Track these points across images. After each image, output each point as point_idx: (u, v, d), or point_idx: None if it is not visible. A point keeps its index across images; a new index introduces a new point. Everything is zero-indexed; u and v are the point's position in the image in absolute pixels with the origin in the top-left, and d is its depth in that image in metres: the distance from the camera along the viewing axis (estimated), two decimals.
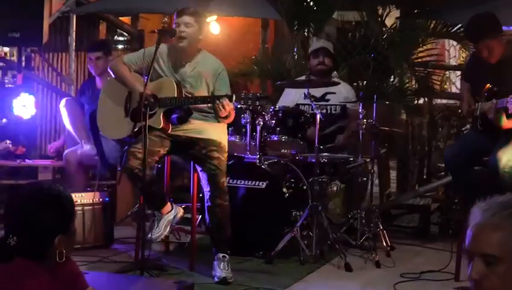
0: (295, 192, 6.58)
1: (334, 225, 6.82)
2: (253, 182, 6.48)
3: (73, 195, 6.22)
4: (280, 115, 6.72)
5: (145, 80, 5.63)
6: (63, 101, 7.51)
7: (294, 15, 8.59)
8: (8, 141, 7.87)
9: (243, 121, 6.55)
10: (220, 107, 5.52)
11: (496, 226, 2.28)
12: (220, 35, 10.59)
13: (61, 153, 7.65)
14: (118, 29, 12.66)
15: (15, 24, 7.63)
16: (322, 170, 6.78)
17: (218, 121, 5.79)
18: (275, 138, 6.70)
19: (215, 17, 10.12)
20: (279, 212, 6.41)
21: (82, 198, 6.58)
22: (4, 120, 7.84)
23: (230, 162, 6.51)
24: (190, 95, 5.84)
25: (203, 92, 5.87)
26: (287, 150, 6.87)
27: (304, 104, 7.31)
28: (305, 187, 6.58)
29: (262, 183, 6.46)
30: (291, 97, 7.39)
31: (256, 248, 6.42)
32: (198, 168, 5.84)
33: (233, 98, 5.57)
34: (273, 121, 6.68)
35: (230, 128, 6.61)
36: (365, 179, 6.83)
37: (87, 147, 7.23)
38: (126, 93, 5.97)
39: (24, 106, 7.83)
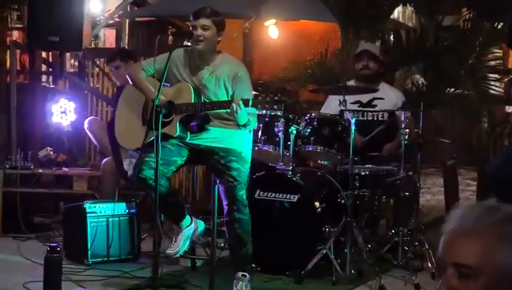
0: (330, 206, 6.15)
1: (380, 243, 6.35)
2: (285, 195, 6.06)
3: (97, 205, 6.21)
4: (315, 123, 6.27)
5: (159, 86, 5.27)
6: (86, 122, 7.24)
7: (347, 17, 8.11)
8: (49, 148, 7.66)
9: (276, 129, 6.15)
10: (234, 112, 5.15)
11: (478, 232, 1.86)
12: (279, 39, 10.19)
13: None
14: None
15: (55, 28, 7.43)
16: (362, 182, 6.31)
17: (240, 129, 5.40)
18: (310, 148, 6.25)
19: (273, 20, 9.75)
20: (311, 228, 5.99)
21: (107, 209, 6.26)
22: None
23: (261, 174, 6.18)
24: (209, 101, 5.48)
25: (222, 96, 5.50)
26: (323, 161, 6.42)
27: (350, 111, 6.82)
28: (343, 201, 6.11)
29: (294, 197, 6.03)
30: (335, 103, 6.91)
31: (285, 266, 6.01)
32: (217, 180, 5.47)
33: (250, 103, 5.17)
34: (308, 130, 6.24)
35: (263, 137, 6.24)
36: (407, 193, 6.29)
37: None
38: (143, 101, 5.65)
39: (63, 113, 7.59)
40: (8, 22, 8.80)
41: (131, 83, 5.72)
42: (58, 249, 5.07)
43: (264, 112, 6.17)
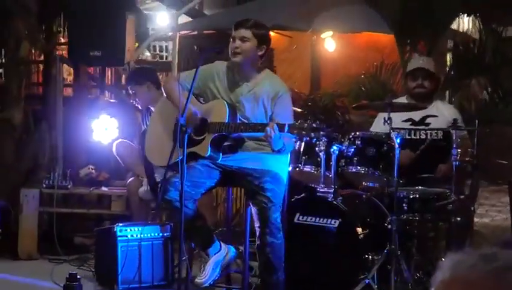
0: (376, 232, 5.72)
1: (431, 272, 5.90)
2: (325, 220, 5.66)
3: (129, 229, 5.90)
4: (359, 142, 5.86)
5: (186, 103, 4.93)
6: (114, 145, 6.95)
7: (402, 28, 7.67)
8: (91, 167, 7.42)
9: (317, 148, 5.76)
10: (268, 135, 4.80)
11: (473, 283, 1.59)
12: (336, 52, 9.79)
13: None
14: None
15: (97, 42, 7.19)
16: (411, 206, 5.86)
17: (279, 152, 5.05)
18: (353, 169, 5.84)
19: (330, 33, 9.36)
20: (353, 255, 5.57)
21: (139, 232, 5.95)
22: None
23: (300, 196, 5.82)
24: (245, 120, 5.14)
25: (260, 116, 5.15)
26: (368, 182, 6.01)
27: (402, 129, 6.39)
28: (389, 227, 5.68)
29: (335, 222, 5.63)
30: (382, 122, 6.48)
31: None
32: (250, 201, 5.12)
33: (286, 128, 4.80)
34: (352, 150, 5.83)
35: (304, 157, 5.86)
36: (459, 219, 5.81)
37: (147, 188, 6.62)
38: (176, 116, 5.31)
39: (106, 129, 7.33)
40: (58, 36, 8.61)
41: (165, 95, 5.42)
42: (78, 277, 4.81)
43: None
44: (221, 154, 5.14)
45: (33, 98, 8.47)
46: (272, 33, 11.21)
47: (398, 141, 5.51)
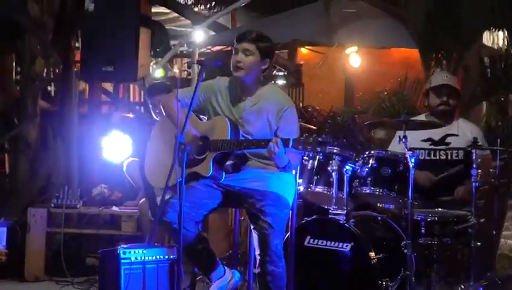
0: (392, 257, 5.43)
1: None
2: (336, 243, 5.38)
3: (133, 251, 5.66)
4: (373, 162, 5.57)
5: (186, 119, 4.67)
6: (124, 165, 6.74)
7: (427, 42, 7.35)
8: (103, 185, 7.21)
9: (330, 168, 5.50)
10: (271, 151, 4.54)
11: None
12: (361, 68, 9.49)
13: None
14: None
15: (109, 57, 6.99)
16: (430, 230, 5.55)
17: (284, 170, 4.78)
18: (367, 190, 5.55)
19: (355, 48, 9.07)
20: (365, 281, 5.28)
21: (144, 255, 5.70)
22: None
23: (311, 218, 5.54)
24: (249, 136, 4.87)
25: (264, 132, 4.88)
26: (383, 204, 5.72)
27: (421, 149, 6.10)
28: (406, 251, 5.37)
29: (347, 246, 5.35)
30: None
31: None
32: (251, 226, 4.84)
33: (291, 143, 4.53)
34: (366, 170, 5.55)
35: (316, 177, 5.59)
36: (479, 243, 5.47)
37: None
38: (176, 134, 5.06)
39: (117, 146, 7.11)
40: (75, 52, 8.44)
41: (164, 113, 5.17)
42: None
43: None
44: (224, 173, 4.87)
45: (49, 114, 8.27)
46: (303, 50, 11.04)
47: (413, 161, 5.21)
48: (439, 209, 5.73)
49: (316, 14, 7.70)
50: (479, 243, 5.45)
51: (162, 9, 11.56)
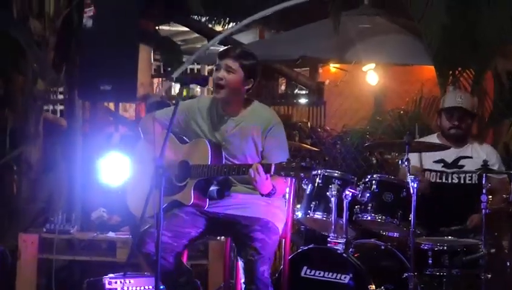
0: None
1: None
2: (334, 275, 5.00)
3: (120, 280, 5.32)
4: (375, 187, 5.18)
5: (164, 141, 4.30)
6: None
7: (444, 58, 6.93)
8: (102, 209, 6.85)
9: (329, 193, 5.11)
10: (252, 178, 4.19)
11: None
12: (378, 86, 9.08)
13: None
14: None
15: (107, 76, 6.66)
16: (438, 260, 5.13)
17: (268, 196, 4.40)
18: (368, 217, 5.16)
19: (373, 65, 8.67)
20: None
21: (132, 285, 5.36)
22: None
23: (307, 247, 5.18)
24: (234, 160, 4.53)
25: (250, 153, 4.52)
26: (386, 232, 5.32)
27: (432, 171, 5.70)
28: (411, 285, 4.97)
29: (345, 277, 4.96)
30: (414, 163, 5.76)
31: None
32: (238, 254, 4.46)
33: (272, 169, 4.16)
34: (367, 195, 5.16)
35: (314, 203, 5.21)
36: (490, 275, 5.04)
37: None
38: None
39: (115, 169, 6.76)
40: None
41: (142, 136, 4.82)
42: None
43: (318, 171, 5.22)
44: (207, 200, 4.51)
45: (53, 135, 7.99)
46: (332, 67, 10.65)
47: (415, 185, 4.81)
48: (449, 237, 5.32)
49: (327, 29, 7.33)
50: (489, 275, 5.03)
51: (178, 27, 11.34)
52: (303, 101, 11.75)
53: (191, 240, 4.57)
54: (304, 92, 11.99)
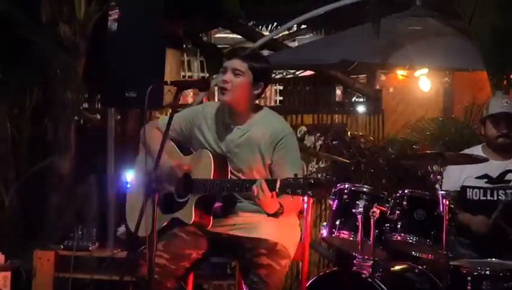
0: None
1: None
2: None
3: None
4: (405, 203, 4.64)
5: (159, 153, 3.86)
6: None
7: (497, 60, 6.33)
8: None
9: (354, 210, 4.60)
10: (255, 196, 3.71)
11: None
12: (431, 92, 8.46)
13: None
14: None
15: (132, 82, 6.26)
16: (477, 285, 4.55)
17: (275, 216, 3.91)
18: (398, 237, 4.61)
19: (425, 70, 8.07)
20: None
21: None
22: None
23: (330, 271, 4.70)
24: (239, 174, 4.07)
25: (256, 168, 4.04)
26: (419, 253, 4.77)
27: (474, 188, 5.13)
28: None
29: None
30: (454, 177, 5.21)
31: None
32: (242, 280, 3.99)
33: (277, 185, 3.67)
34: (397, 212, 4.62)
35: (339, 220, 4.71)
36: None
37: None
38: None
39: None
40: None
41: (143, 146, 4.38)
42: None
43: (345, 186, 4.73)
44: (211, 218, 4.05)
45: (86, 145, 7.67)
46: (400, 76, 10.09)
47: (447, 203, 4.26)
48: (493, 259, 4.73)
49: (371, 32, 6.80)
50: None
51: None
52: (360, 109, 11.18)
53: (193, 262, 4.11)
54: (361, 100, 11.43)
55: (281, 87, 12.35)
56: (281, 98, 12.49)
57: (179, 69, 6.66)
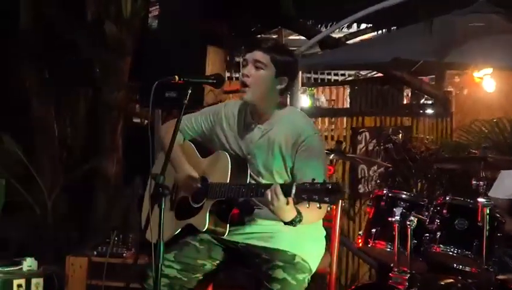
0: None
1: None
2: None
3: None
4: (445, 212, 4.24)
5: (168, 152, 3.58)
6: None
7: None
8: None
9: (391, 218, 4.23)
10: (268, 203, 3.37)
11: None
12: (496, 93, 7.97)
13: None
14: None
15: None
16: None
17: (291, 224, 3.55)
18: (437, 248, 4.23)
19: (490, 70, 7.60)
20: None
21: None
22: None
23: (362, 283, 4.37)
24: (259, 178, 3.74)
25: (277, 170, 3.71)
26: (460, 266, 4.37)
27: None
28: None
29: None
30: (509, 183, 4.79)
31: None
32: None
33: (293, 191, 3.32)
34: (437, 221, 4.24)
35: (375, 229, 4.35)
36: None
37: None
38: (174, 173, 3.99)
39: None
40: None
41: (161, 148, 4.09)
42: None
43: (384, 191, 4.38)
44: (228, 226, 3.73)
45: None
46: (477, 78, 9.64)
47: (488, 212, 3.86)
48: None
49: (428, 31, 6.41)
50: None
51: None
52: (429, 112, 10.74)
53: (205, 273, 3.80)
54: (430, 102, 11.01)
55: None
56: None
57: (222, 68, 6.37)
